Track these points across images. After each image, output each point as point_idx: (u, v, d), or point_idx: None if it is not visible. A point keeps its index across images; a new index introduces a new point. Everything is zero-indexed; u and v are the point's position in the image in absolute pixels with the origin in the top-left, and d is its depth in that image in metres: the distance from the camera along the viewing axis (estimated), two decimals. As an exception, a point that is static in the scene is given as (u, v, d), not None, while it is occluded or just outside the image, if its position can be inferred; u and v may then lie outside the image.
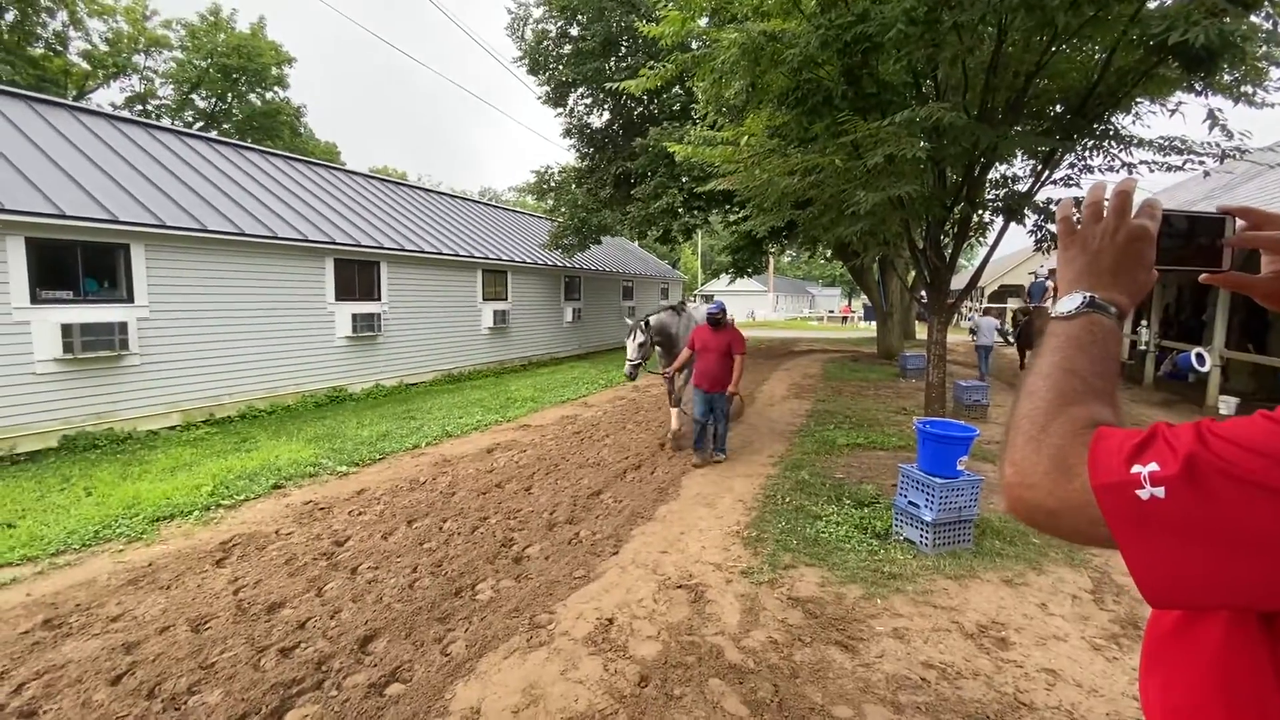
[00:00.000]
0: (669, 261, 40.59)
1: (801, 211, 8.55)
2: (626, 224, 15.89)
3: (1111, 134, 6.36)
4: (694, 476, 6.28)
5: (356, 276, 11.14)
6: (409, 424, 8.57)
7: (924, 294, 7.67)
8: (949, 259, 7.52)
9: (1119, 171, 6.63)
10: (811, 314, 54.04)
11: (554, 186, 17.08)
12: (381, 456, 6.99)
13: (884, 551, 4.35)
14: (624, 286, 22.59)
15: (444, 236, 14.08)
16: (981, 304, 29.93)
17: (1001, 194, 7.67)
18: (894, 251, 11.55)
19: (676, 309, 7.65)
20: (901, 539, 4.51)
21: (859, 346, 21.62)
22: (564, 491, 5.79)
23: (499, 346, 15.13)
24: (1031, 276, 13.21)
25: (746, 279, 24.43)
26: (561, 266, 17.58)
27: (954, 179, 7.11)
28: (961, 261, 11.73)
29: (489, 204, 21.81)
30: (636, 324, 7.17)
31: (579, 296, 18.94)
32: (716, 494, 5.69)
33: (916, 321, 25.12)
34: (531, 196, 19.63)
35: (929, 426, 4.51)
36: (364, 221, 12.09)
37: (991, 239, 8.04)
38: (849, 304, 52.97)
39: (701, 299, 42.50)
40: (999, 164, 7.39)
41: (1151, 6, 5.14)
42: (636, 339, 7.03)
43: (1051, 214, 6.91)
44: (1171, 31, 4.47)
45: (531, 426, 8.66)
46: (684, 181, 14.14)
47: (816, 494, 5.56)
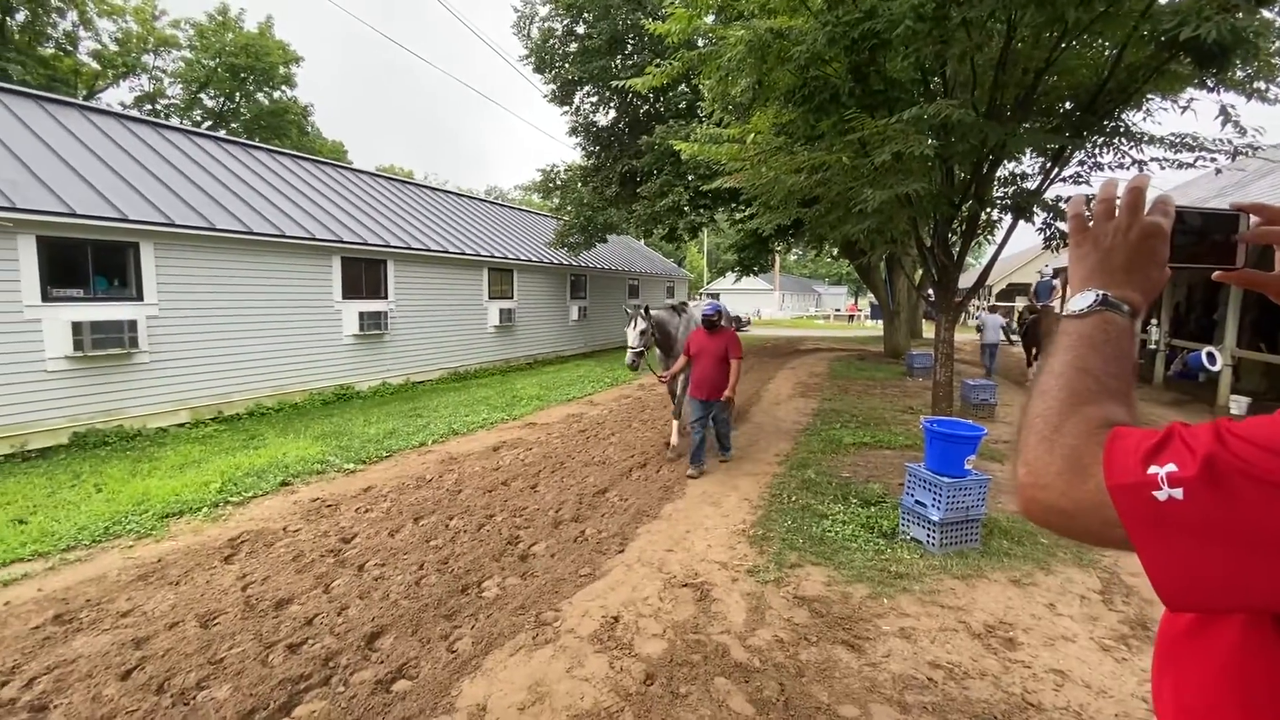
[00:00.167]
0: (674, 260, 40.57)
1: (808, 209, 8.53)
2: (632, 222, 15.90)
3: (1122, 131, 6.31)
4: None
5: (363, 275, 11.18)
6: (415, 422, 8.60)
7: (931, 292, 7.64)
8: (957, 257, 7.48)
9: (1129, 169, 6.58)
10: (818, 312, 53.90)
11: (560, 185, 17.10)
12: (388, 454, 7.02)
13: (890, 551, 4.33)
14: (630, 285, 22.59)
15: (450, 235, 14.12)
16: (989, 302, 29.76)
17: (1010, 192, 7.62)
18: (901, 250, 11.52)
19: (677, 309, 7.34)
20: (908, 538, 4.49)
21: (865, 345, 21.54)
22: (570, 489, 5.79)
23: (505, 345, 15.16)
24: (1038, 275, 13.08)
25: (752, 277, 24.37)
26: (567, 265, 17.60)
27: (962, 177, 7.08)
28: (969, 260, 11.67)
29: (495, 202, 21.85)
30: (637, 311, 6.76)
31: (584, 295, 18.95)
32: (722, 493, 5.68)
33: (923, 320, 25.00)
34: (538, 195, 19.66)
35: (936, 425, 4.48)
36: (371, 220, 12.13)
37: (1000, 237, 7.99)
38: (855, 302, 52.85)
39: (708, 297, 42.49)
40: (1007, 161, 7.35)
41: (1163, 2, 5.09)
42: (638, 326, 6.66)
43: (1061, 212, 6.85)
44: (1183, 27, 4.43)
45: (537, 425, 8.68)
46: (690, 179, 14.13)
47: (823, 493, 5.54)
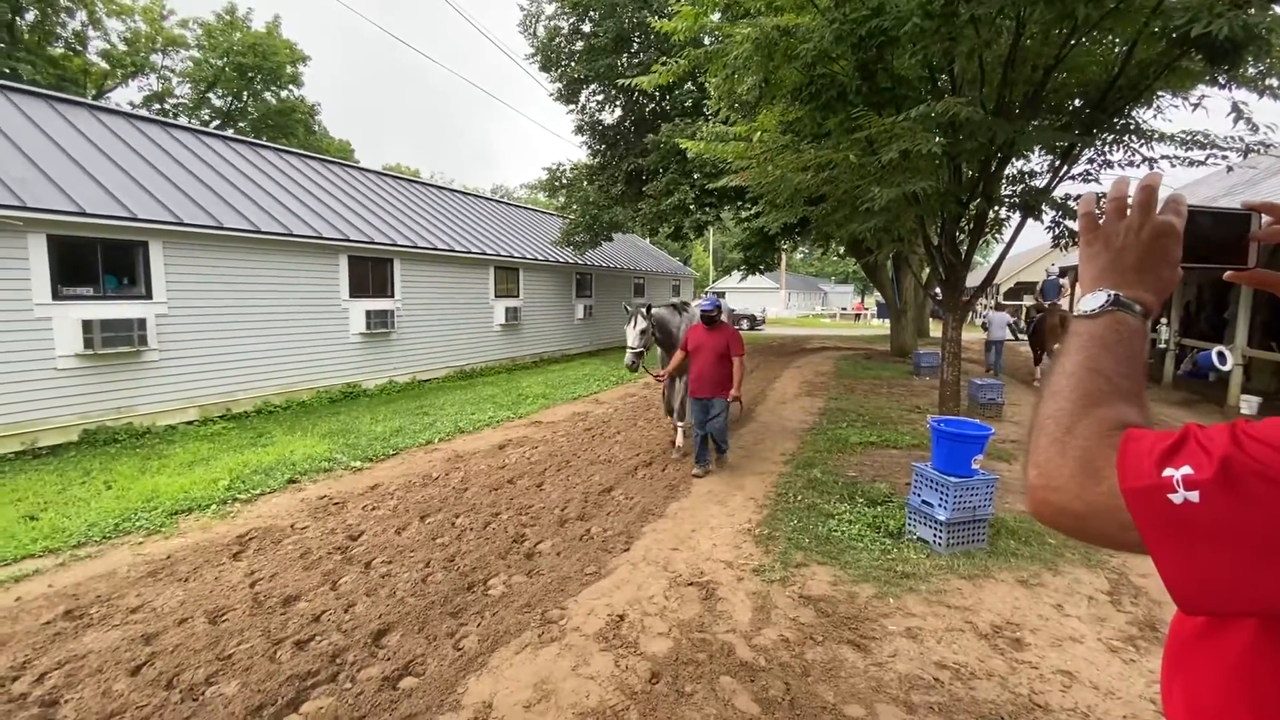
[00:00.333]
0: (680, 258, 40.51)
1: (814, 208, 8.50)
2: (638, 221, 15.89)
3: (1132, 128, 6.26)
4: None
5: (370, 273, 11.22)
6: (422, 420, 8.63)
7: (939, 291, 7.60)
8: (964, 256, 7.44)
9: (1140, 167, 6.52)
10: (824, 311, 53.72)
11: (566, 183, 17.11)
12: (395, 452, 7.05)
13: (897, 550, 4.31)
14: (635, 283, 22.58)
15: (457, 234, 14.15)
16: (997, 300, 29.63)
17: (1018, 190, 7.57)
18: (908, 248, 11.45)
19: (678, 307, 7.17)
20: (915, 538, 4.48)
21: (872, 344, 21.46)
22: (575, 488, 5.80)
23: (511, 343, 15.19)
24: (1045, 274, 13.01)
25: (758, 276, 24.35)
26: (573, 263, 17.61)
27: (970, 174, 7.03)
28: (977, 258, 11.59)
29: (501, 201, 21.88)
30: (636, 310, 6.56)
31: (590, 293, 18.95)
32: (728, 492, 5.68)
33: (931, 319, 24.90)
34: (544, 193, 19.67)
35: (943, 425, 4.47)
36: (377, 219, 12.17)
37: (1008, 236, 7.94)
38: (862, 301, 52.64)
39: (713, 295, 42.40)
40: (1016, 159, 7.30)
41: (1174, -2, 5.04)
42: (638, 325, 6.47)
43: (1070, 210, 6.81)
44: (1194, 23, 4.39)
45: (543, 423, 8.69)
46: (696, 178, 14.11)
47: (829, 492, 5.53)
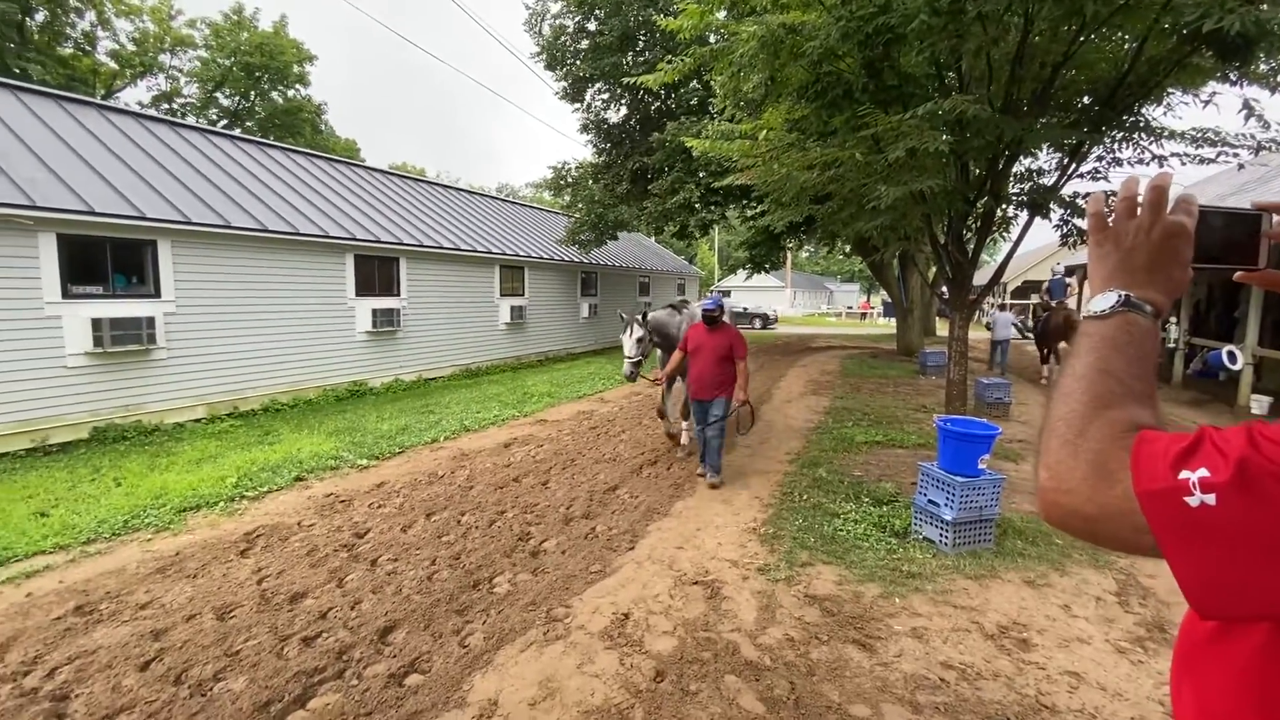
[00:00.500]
0: (685, 257, 40.48)
1: (820, 206, 8.48)
2: (643, 219, 15.86)
3: (1141, 125, 6.20)
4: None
5: (376, 272, 11.26)
6: (428, 418, 8.66)
7: (945, 290, 7.56)
8: (971, 254, 7.40)
9: (1149, 164, 6.46)
10: (830, 310, 53.56)
11: (571, 182, 17.11)
12: (401, 450, 7.07)
13: (903, 550, 4.30)
14: (640, 282, 22.58)
15: (462, 232, 14.18)
16: (1006, 299, 29.47)
17: (1026, 188, 7.53)
18: (915, 247, 11.41)
19: (677, 307, 6.96)
20: (921, 538, 4.46)
21: (878, 343, 21.39)
22: (580, 486, 5.81)
23: (516, 342, 15.22)
24: (1052, 273, 12.93)
25: (764, 274, 24.29)
26: (578, 262, 17.62)
27: (977, 173, 6.99)
28: (984, 257, 11.54)
29: (507, 200, 21.92)
30: (632, 318, 6.33)
31: (595, 292, 18.96)
32: (733, 491, 5.67)
33: (937, 318, 24.79)
34: (549, 192, 19.68)
35: (950, 424, 4.45)
36: (383, 218, 12.21)
37: (1015, 234, 7.90)
38: (868, 300, 52.47)
39: (719, 294, 42.29)
40: (1024, 157, 7.26)
41: (1185, -6, 4.98)
42: (634, 334, 6.23)
43: (1078, 208, 6.76)
44: (1205, 19, 4.34)
45: (548, 421, 8.71)
46: (701, 176, 14.08)
47: (834, 491, 5.51)
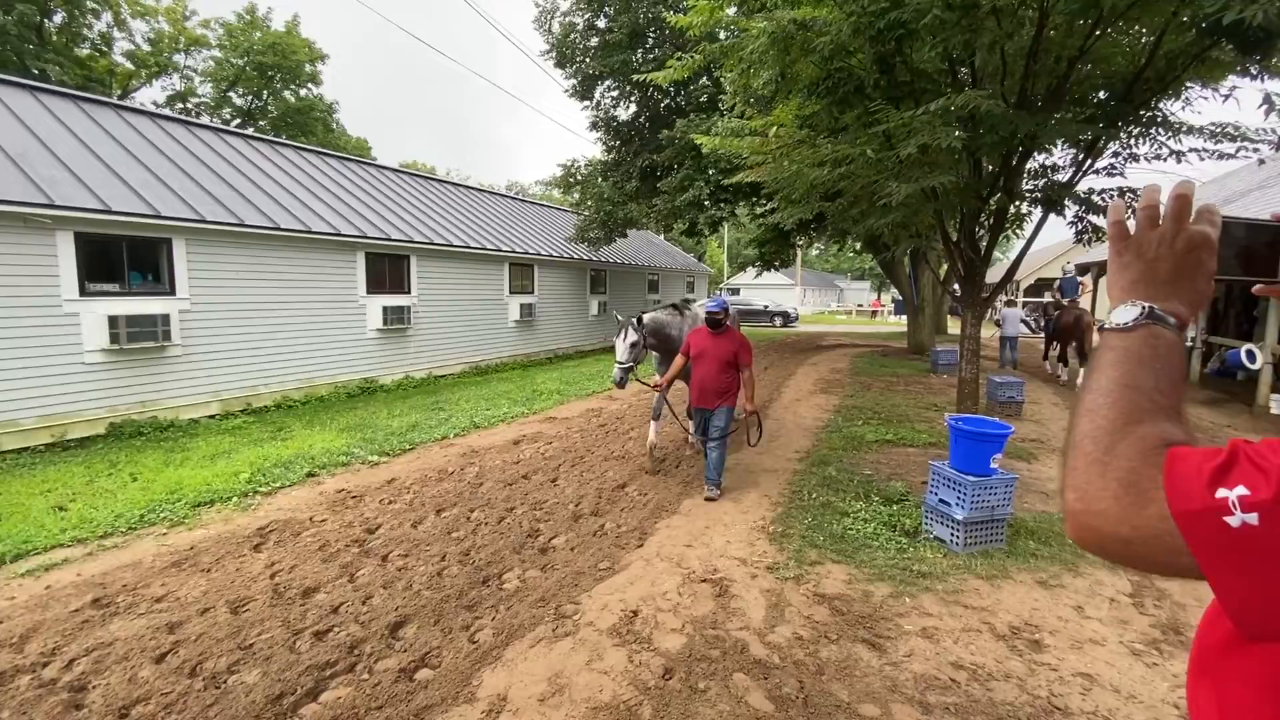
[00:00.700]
0: (695, 255, 40.39)
1: (831, 203, 8.42)
2: (652, 217, 15.84)
3: (1159, 121, 6.10)
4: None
5: (387, 270, 11.33)
6: (438, 415, 8.70)
7: (957, 287, 7.49)
8: (984, 251, 7.32)
9: (1166, 160, 6.36)
10: (840, 307, 53.25)
11: (580, 180, 17.10)
12: (411, 447, 7.12)
13: (913, 549, 4.27)
14: (649, 280, 22.56)
15: (472, 230, 14.23)
16: (1019, 296, 29.19)
17: (1040, 184, 7.43)
18: (926, 244, 11.30)
19: (678, 307, 6.62)
20: (931, 537, 4.43)
21: (888, 341, 21.24)
22: (589, 484, 5.82)
23: (525, 339, 15.26)
24: (1063, 271, 12.80)
25: (773, 272, 24.19)
26: (587, 260, 17.64)
27: (990, 169, 6.92)
28: (996, 254, 11.43)
29: (516, 198, 21.96)
30: (626, 321, 6.00)
31: (604, 290, 18.97)
32: (742, 489, 5.66)
33: (949, 316, 24.59)
34: (558, 190, 19.69)
35: (961, 423, 4.41)
36: (394, 216, 12.28)
37: (1029, 231, 7.81)
38: (879, 297, 52.11)
39: (728, 292, 42.16)
40: (1038, 153, 7.15)
41: (1204, -15, 4.89)
42: (627, 338, 5.88)
43: (1093, 204, 6.66)
44: (1226, 11, 4.25)
45: (557, 419, 8.73)
46: (711, 174, 14.02)
47: (844, 490, 5.49)
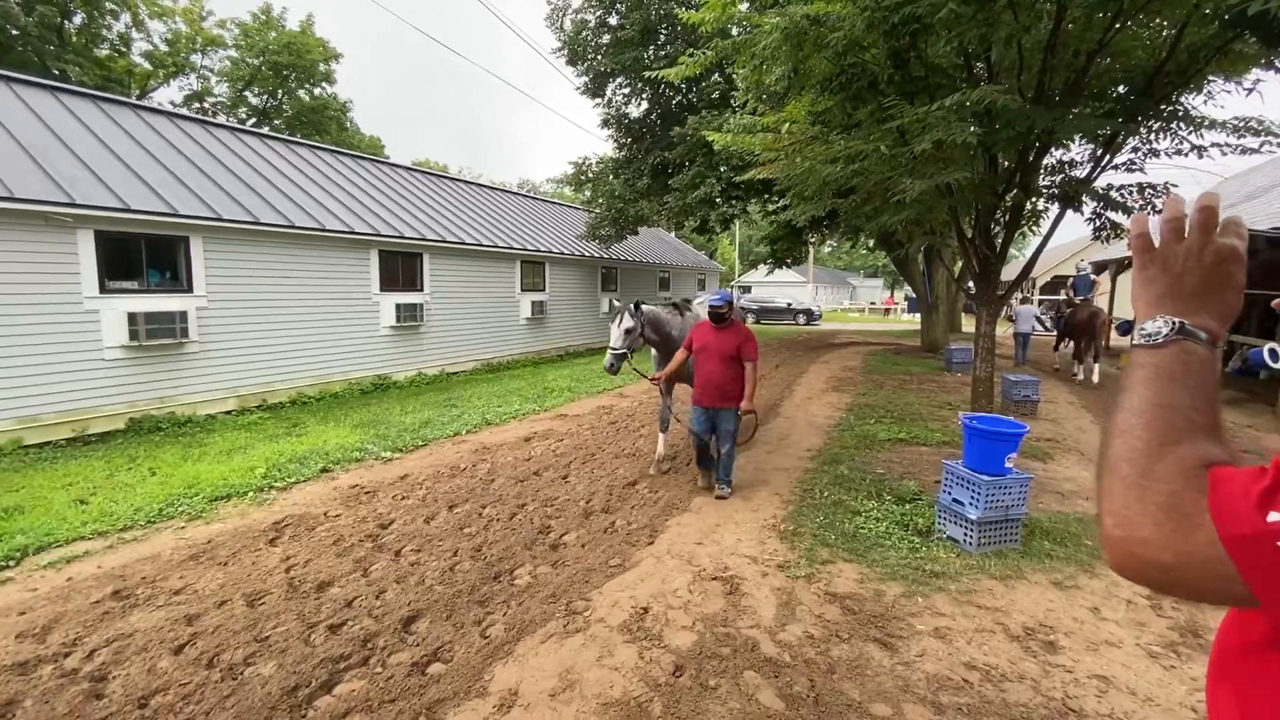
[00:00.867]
0: (706, 252, 40.23)
1: (843, 200, 8.36)
2: (664, 214, 15.81)
3: (1180, 115, 5.99)
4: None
5: (400, 268, 11.41)
6: (450, 412, 8.76)
7: (971, 285, 7.41)
8: (999, 249, 7.23)
9: (1187, 154, 6.24)
10: (852, 305, 52.88)
11: (591, 177, 17.11)
12: (424, 443, 7.17)
13: (926, 549, 4.24)
14: (660, 277, 22.53)
15: (484, 228, 14.29)
16: (1035, 294, 28.86)
17: (1057, 180, 7.32)
18: (940, 241, 11.19)
19: (679, 306, 6.38)
20: (944, 537, 4.40)
21: (901, 339, 21.07)
22: (600, 481, 5.83)
23: (537, 337, 15.31)
24: (1076, 269, 12.65)
25: (785, 269, 24.07)
26: (598, 257, 17.66)
27: (1006, 165, 6.82)
28: (1012, 251, 11.28)
29: (528, 195, 22.02)
30: (624, 307, 5.77)
31: (615, 287, 18.98)
32: (752, 487, 5.65)
33: (963, 314, 24.33)
34: (570, 187, 19.71)
35: (976, 422, 4.37)
36: (407, 214, 12.36)
37: (1045, 228, 7.70)
38: (892, 295, 51.69)
39: (739, 290, 41.99)
40: (1055, 149, 7.05)
41: (1228, -23, 4.80)
42: (623, 324, 5.66)
43: (1112, 201, 6.56)
44: (1250, 3, 4.17)
45: (568, 416, 8.75)
46: (722, 171, 13.97)
47: (856, 489, 5.46)
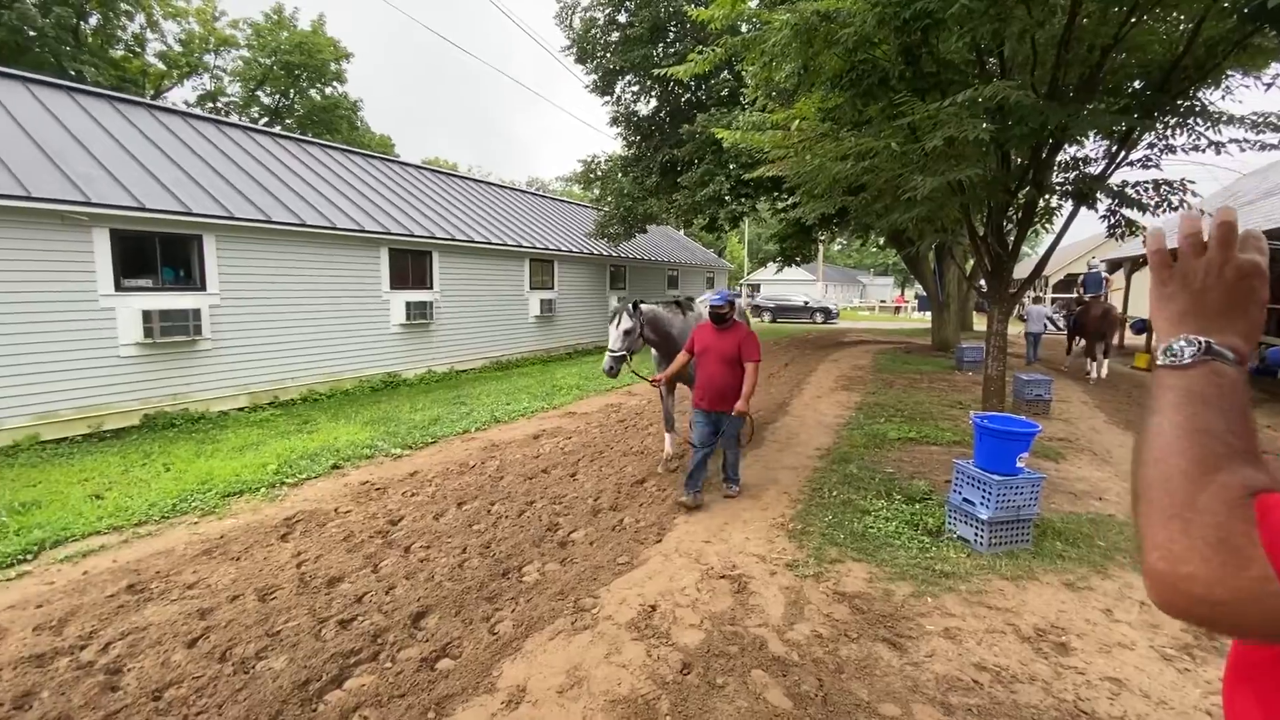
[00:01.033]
0: (715, 250, 40.13)
1: (854, 197, 8.31)
2: (673, 212, 15.78)
3: (1197, 110, 5.90)
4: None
5: (410, 266, 11.47)
6: (459, 409, 8.80)
7: (983, 283, 7.34)
8: (1011, 246, 7.16)
9: (1204, 150, 6.15)
10: (862, 303, 52.59)
11: (600, 175, 17.10)
12: (433, 440, 7.21)
13: (936, 549, 4.21)
14: (669, 275, 22.51)
15: (493, 226, 14.33)
16: (1048, 293, 28.58)
17: (1071, 177, 7.24)
18: (952, 239, 11.09)
19: (681, 305, 6.21)
20: (955, 537, 4.36)
21: (912, 338, 20.94)
22: (608, 478, 5.84)
23: (545, 335, 15.34)
24: (1087, 267, 12.54)
25: (795, 267, 23.96)
26: (607, 256, 17.66)
27: (1019, 162, 6.76)
28: (1025, 249, 11.17)
29: (536, 194, 22.06)
30: (622, 307, 5.60)
31: (624, 285, 18.99)
32: (761, 486, 5.63)
33: (975, 312, 24.13)
34: (578, 186, 19.71)
35: (987, 421, 4.33)
36: (417, 212, 12.42)
37: (1059, 225, 7.62)
38: (902, 294, 51.35)
39: (748, 289, 41.85)
40: (1069, 145, 6.97)
41: (1247, -31, 4.72)
42: (622, 325, 5.49)
43: (1127, 198, 6.48)
44: (1270, -4, 4.10)
45: (577, 414, 8.77)
46: (731, 168, 13.93)
47: (865, 488, 5.43)
